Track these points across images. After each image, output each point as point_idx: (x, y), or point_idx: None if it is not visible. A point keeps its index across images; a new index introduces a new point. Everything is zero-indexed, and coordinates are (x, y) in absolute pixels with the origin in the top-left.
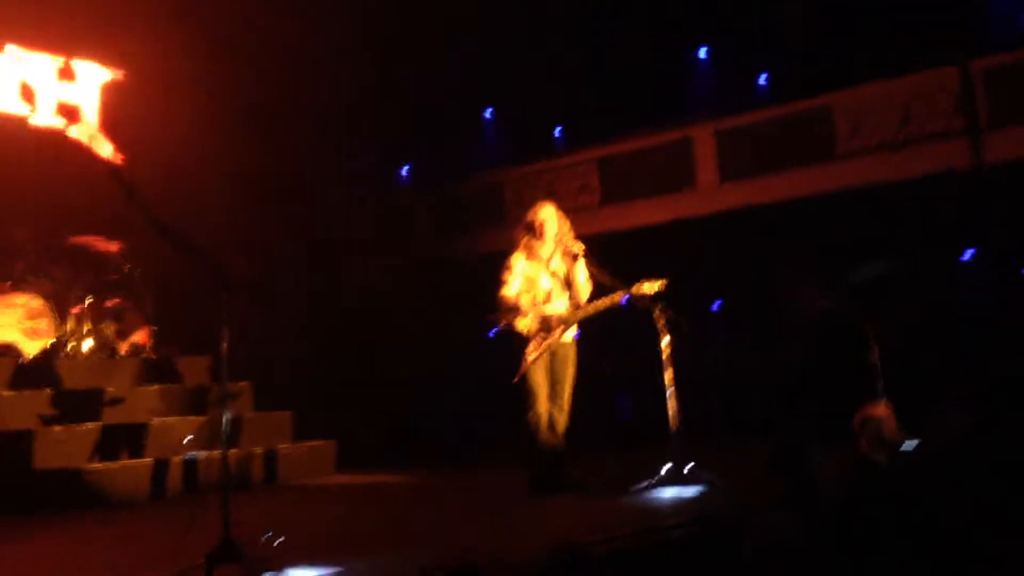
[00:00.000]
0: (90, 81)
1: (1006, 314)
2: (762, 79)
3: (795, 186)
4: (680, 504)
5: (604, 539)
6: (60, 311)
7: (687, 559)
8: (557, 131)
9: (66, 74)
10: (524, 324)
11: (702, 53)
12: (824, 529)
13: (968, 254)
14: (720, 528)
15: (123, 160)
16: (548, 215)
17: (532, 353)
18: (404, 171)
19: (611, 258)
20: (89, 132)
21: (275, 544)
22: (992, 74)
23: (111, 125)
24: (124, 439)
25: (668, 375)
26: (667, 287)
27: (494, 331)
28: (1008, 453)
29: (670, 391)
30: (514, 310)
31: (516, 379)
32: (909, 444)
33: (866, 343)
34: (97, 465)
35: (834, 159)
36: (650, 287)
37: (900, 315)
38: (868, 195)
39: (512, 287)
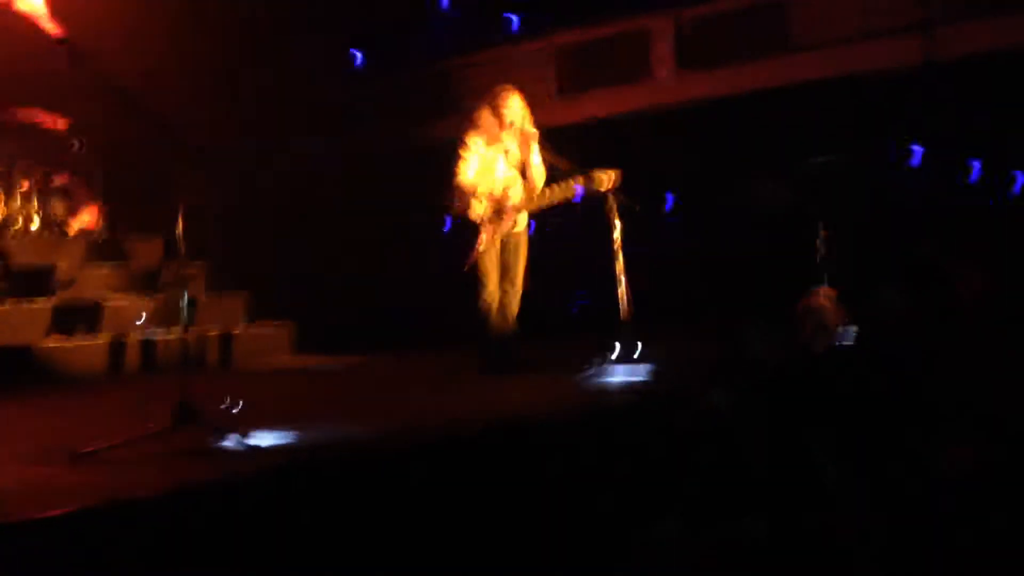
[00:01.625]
0: None
1: (949, 208)
2: None
3: (751, 78)
4: (625, 384)
5: (546, 413)
6: (6, 188)
7: (625, 430)
8: (512, 18)
9: None
10: (478, 210)
11: None
12: (756, 406)
13: (917, 151)
14: (659, 401)
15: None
16: (513, 100)
17: (483, 241)
18: (355, 60)
19: (567, 150)
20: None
21: (233, 410)
22: None
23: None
24: (77, 317)
25: (619, 263)
26: (621, 178)
27: (448, 222)
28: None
29: (621, 279)
30: (469, 195)
31: (466, 267)
32: (848, 332)
33: (815, 231)
34: (50, 343)
35: (790, 51)
36: (606, 177)
37: (847, 206)
38: (823, 88)
39: (468, 171)
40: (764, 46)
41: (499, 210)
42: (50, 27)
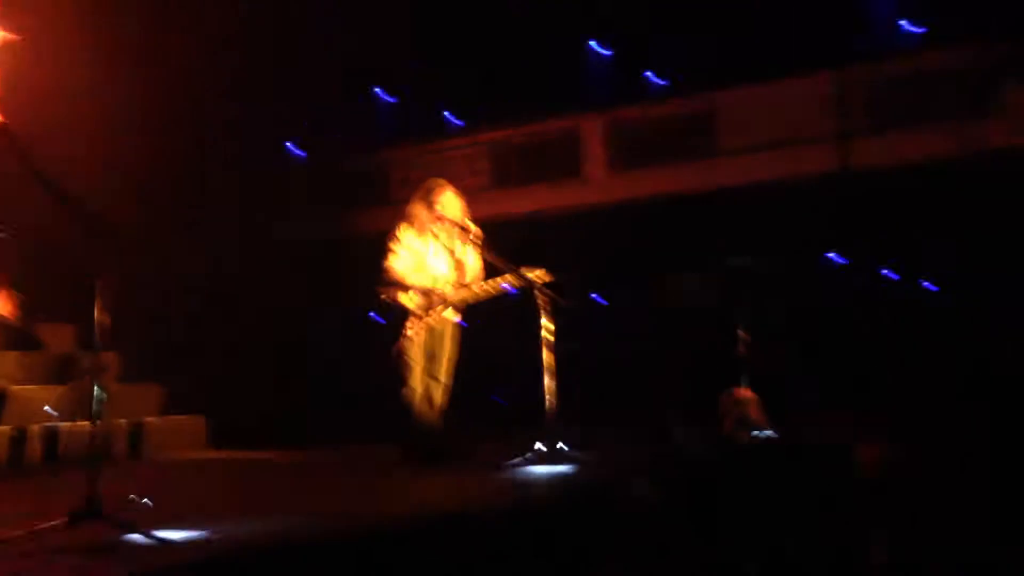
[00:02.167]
0: None
1: (866, 312)
2: (651, 75)
3: (680, 181)
4: (552, 477)
5: (478, 506)
6: None
7: (557, 524)
8: (448, 114)
9: None
10: (406, 299)
11: (594, 45)
12: (679, 495)
13: (834, 255)
14: (588, 494)
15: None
16: (446, 194)
17: (410, 328)
18: (287, 145)
19: (499, 244)
20: None
21: (140, 505)
22: (864, 81)
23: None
24: None
25: (547, 356)
26: (548, 275)
27: (375, 313)
28: None
29: (548, 372)
30: (399, 283)
31: (394, 352)
32: (767, 432)
33: (735, 332)
34: None
35: (716, 156)
36: (533, 276)
37: (767, 310)
38: (747, 193)
39: (399, 259)
40: (692, 151)
41: (428, 301)
42: None
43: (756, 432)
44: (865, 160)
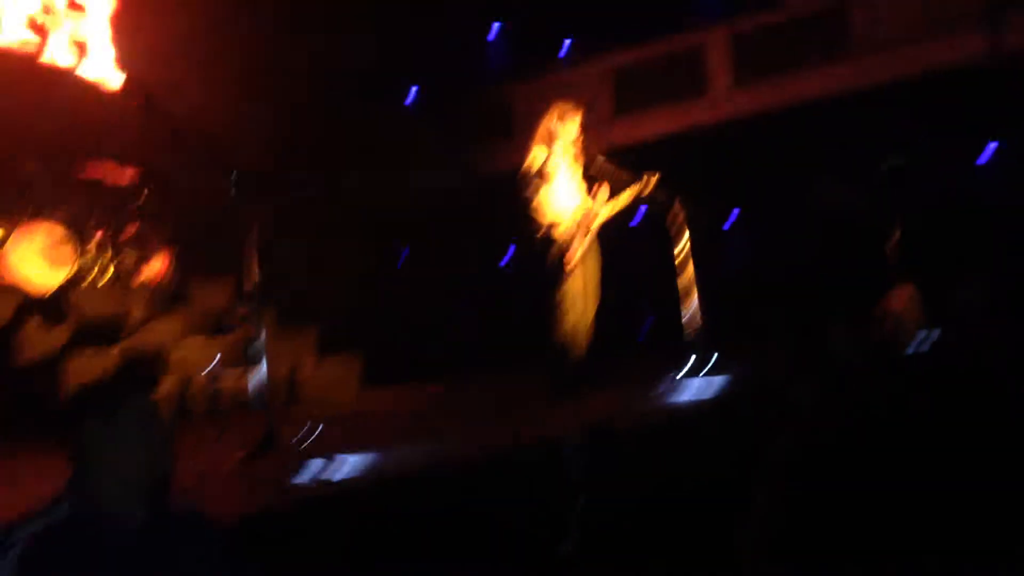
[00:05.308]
0: (100, 10)
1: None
2: None
3: (810, 87)
4: (705, 390)
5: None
6: (79, 241)
7: (710, 428)
8: (566, 43)
9: (75, 5)
10: (564, 229)
11: None
12: (839, 401)
13: (989, 149)
14: (741, 403)
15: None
16: (573, 118)
17: (575, 255)
18: (409, 94)
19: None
20: (100, 68)
21: (313, 435)
22: None
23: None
24: (148, 364)
25: (688, 273)
26: (661, 182)
27: (506, 259)
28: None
29: (690, 288)
30: (550, 215)
31: (565, 277)
32: (931, 333)
33: (888, 234)
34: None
35: (850, 56)
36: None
37: (922, 208)
38: (886, 91)
39: (544, 191)
40: (826, 50)
41: (580, 229)
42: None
43: (919, 333)
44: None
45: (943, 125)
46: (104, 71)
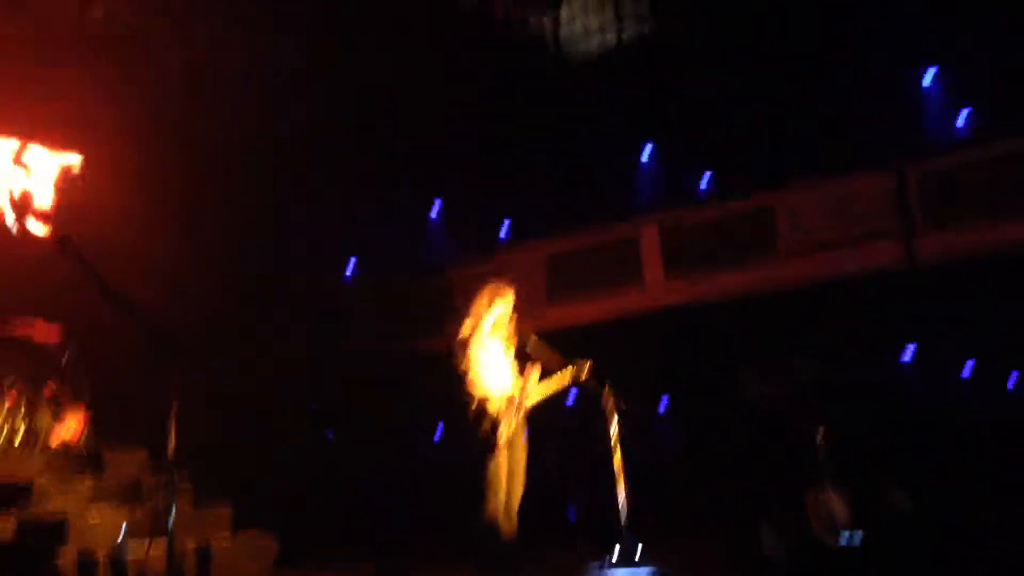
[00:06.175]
0: (45, 168)
1: (947, 405)
2: (705, 179)
3: (737, 282)
4: None
5: None
6: None
7: None
8: (504, 229)
9: (19, 160)
10: (494, 406)
11: (646, 153)
12: None
13: (909, 350)
14: None
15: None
16: (506, 298)
17: (502, 436)
18: (347, 266)
19: (559, 352)
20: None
21: None
22: (926, 178)
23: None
24: (46, 533)
25: (617, 458)
26: (594, 369)
27: (438, 433)
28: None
29: (619, 474)
30: (481, 392)
31: (488, 457)
32: (856, 533)
33: (813, 431)
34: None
35: (775, 257)
36: (582, 370)
37: (844, 407)
38: (808, 291)
39: (475, 369)
40: (753, 249)
41: (511, 408)
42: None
43: (846, 534)
44: (927, 258)
45: (862, 326)
46: (37, 228)
